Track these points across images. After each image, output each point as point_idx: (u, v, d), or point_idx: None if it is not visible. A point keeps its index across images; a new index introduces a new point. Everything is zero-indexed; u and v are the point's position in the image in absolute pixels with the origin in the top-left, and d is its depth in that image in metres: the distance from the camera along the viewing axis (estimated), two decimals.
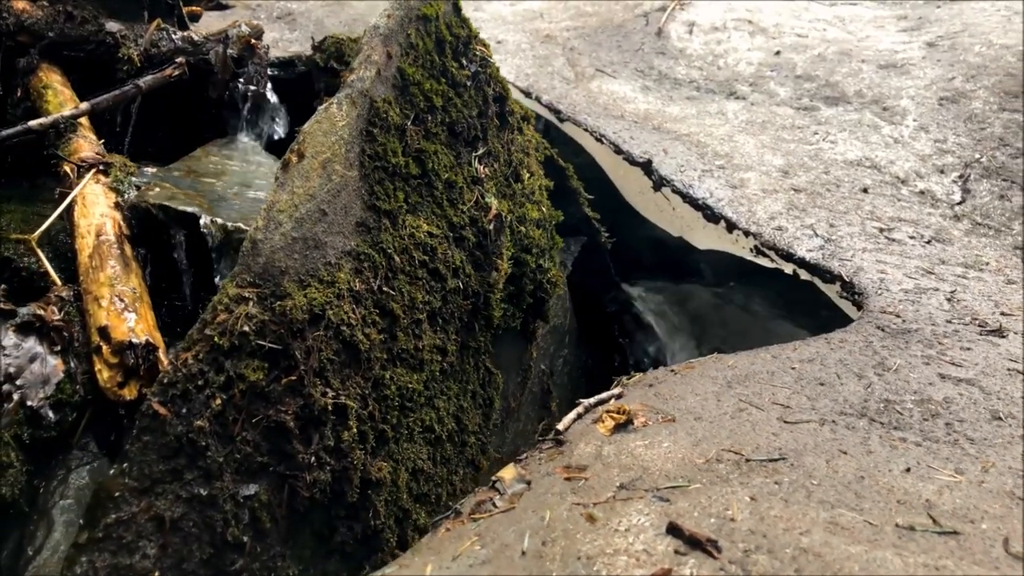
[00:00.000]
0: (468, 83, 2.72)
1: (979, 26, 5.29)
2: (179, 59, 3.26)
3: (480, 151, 2.73)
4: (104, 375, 2.11)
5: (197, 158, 3.18)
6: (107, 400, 2.14)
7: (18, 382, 2.06)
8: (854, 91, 4.78)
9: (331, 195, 2.13)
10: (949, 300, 2.92)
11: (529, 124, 3.27)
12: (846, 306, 3.56)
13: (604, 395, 2.18)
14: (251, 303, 1.93)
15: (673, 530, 1.54)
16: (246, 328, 1.90)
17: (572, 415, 2.07)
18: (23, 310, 2.17)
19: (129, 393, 2.12)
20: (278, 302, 1.96)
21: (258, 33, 3.56)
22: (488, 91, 2.82)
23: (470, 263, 2.57)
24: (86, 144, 2.85)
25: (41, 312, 2.18)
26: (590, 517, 1.64)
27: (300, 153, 2.12)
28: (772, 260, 3.46)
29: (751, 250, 3.54)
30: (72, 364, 2.17)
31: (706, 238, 3.80)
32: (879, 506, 1.64)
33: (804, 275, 3.36)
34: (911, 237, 3.54)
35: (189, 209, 2.47)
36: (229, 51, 3.44)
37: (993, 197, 4.01)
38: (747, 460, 1.81)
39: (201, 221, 2.40)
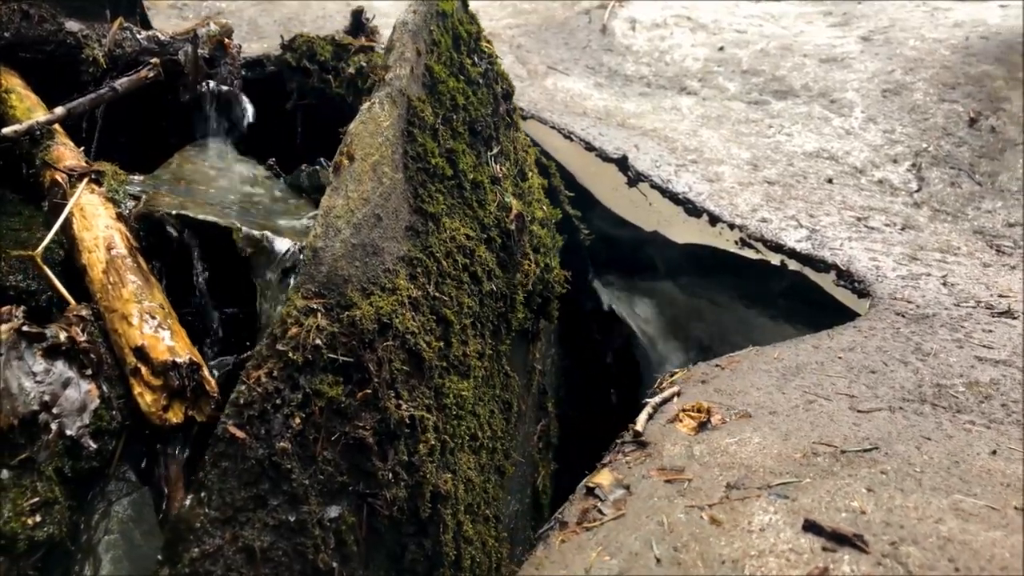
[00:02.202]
0: (480, 80, 2.66)
1: (905, 21, 5.50)
2: (153, 60, 3.07)
3: (495, 150, 2.67)
4: (147, 399, 1.96)
5: (178, 164, 3.01)
6: (149, 425, 1.99)
7: (54, 410, 1.89)
8: (800, 85, 4.90)
9: (383, 199, 2.04)
10: (945, 284, 3.01)
11: None
12: (813, 295, 3.68)
13: (666, 394, 2.16)
14: (319, 314, 1.82)
15: (811, 527, 1.53)
16: (318, 341, 1.80)
17: (644, 416, 2.04)
18: (48, 331, 1.99)
19: (174, 416, 1.97)
20: (345, 312, 1.86)
21: (228, 32, 3.39)
22: (497, 89, 2.76)
23: (497, 265, 2.51)
24: (68, 152, 2.66)
25: (69, 333, 2.01)
26: (713, 520, 1.61)
27: (350, 155, 2.02)
28: (759, 252, 3.51)
29: (736, 242, 3.58)
30: (104, 388, 2.01)
31: (686, 232, 3.83)
32: (988, 490, 1.67)
33: (794, 265, 3.42)
34: (886, 225, 3.65)
35: (210, 218, 2.33)
36: (200, 51, 3.27)
37: (945, 185, 4.17)
38: (843, 452, 1.81)
39: (237, 230, 2.25)
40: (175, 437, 2.13)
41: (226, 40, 3.33)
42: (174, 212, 2.33)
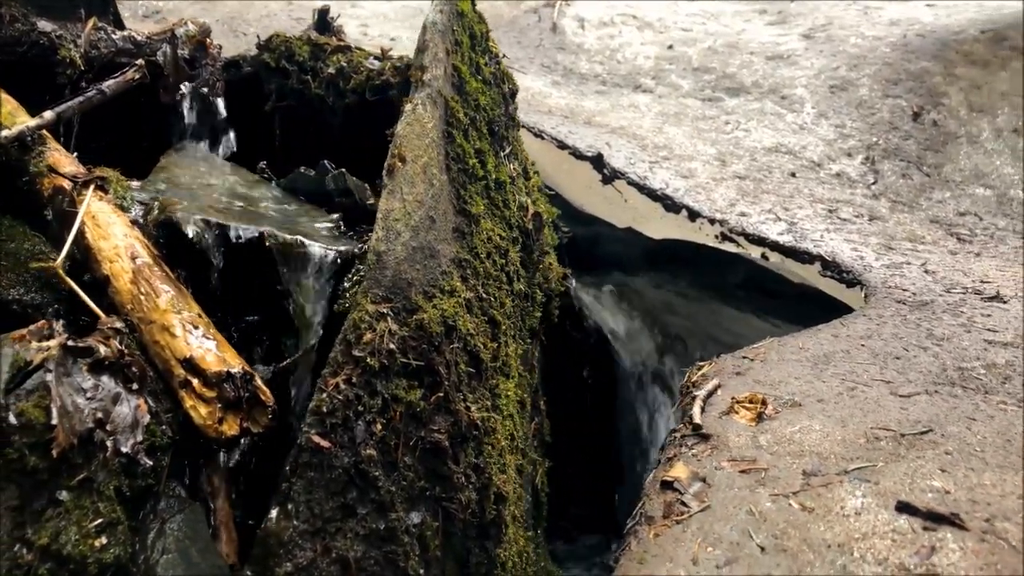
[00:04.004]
0: (492, 80, 2.66)
1: (841, 19, 5.71)
2: (138, 61, 2.96)
3: (507, 150, 2.67)
4: (201, 411, 1.90)
5: (168, 169, 2.91)
6: (203, 439, 1.93)
7: (108, 427, 1.82)
8: (751, 82, 5.04)
9: (435, 200, 2.03)
10: (927, 272, 3.15)
11: None
12: (769, 285, 3.84)
13: (709, 386, 2.19)
14: (389, 319, 1.80)
15: (906, 508, 1.59)
16: (391, 346, 1.78)
17: (698, 409, 2.07)
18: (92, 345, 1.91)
19: (230, 429, 1.92)
20: (412, 316, 1.84)
21: (207, 32, 3.30)
22: (504, 88, 2.77)
23: (521, 265, 2.52)
24: (64, 158, 2.54)
25: (108, 347, 1.93)
26: (804, 507, 1.66)
27: (401, 157, 2.00)
28: (739, 245, 3.60)
29: (716, 237, 3.66)
30: (150, 402, 1.94)
31: (662, 228, 3.89)
32: None
33: (775, 258, 3.52)
34: (856, 216, 3.79)
35: (239, 224, 2.26)
36: (180, 52, 3.17)
37: (897, 176, 4.35)
38: (902, 435, 1.89)
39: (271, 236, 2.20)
40: (221, 450, 2.08)
41: (207, 40, 3.24)
42: (201, 219, 2.26)
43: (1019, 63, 5.00)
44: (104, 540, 1.72)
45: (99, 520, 1.73)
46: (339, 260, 2.19)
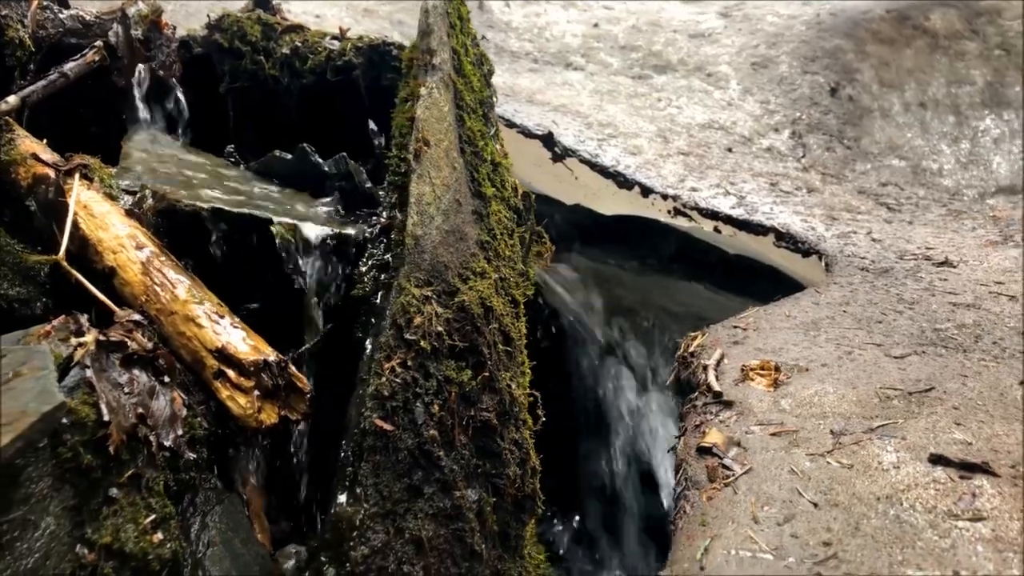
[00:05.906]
0: (476, 61, 2.68)
1: None
2: (98, 43, 2.85)
3: (492, 131, 2.70)
4: (240, 401, 1.88)
5: (134, 155, 2.81)
6: (243, 429, 1.91)
7: (149, 422, 1.78)
8: (677, 59, 5.18)
9: (458, 184, 2.05)
10: (874, 241, 3.34)
11: None
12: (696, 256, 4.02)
13: (716, 355, 2.29)
14: (433, 302, 1.82)
15: (939, 460, 1.72)
16: (439, 328, 1.80)
17: (712, 376, 2.17)
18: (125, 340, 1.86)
19: (268, 418, 1.90)
20: (453, 299, 1.87)
21: (159, 11, 3.19)
22: (484, 69, 2.79)
23: (520, 243, 2.56)
24: (36, 145, 2.44)
25: (133, 340, 1.88)
26: (842, 464, 1.77)
27: (425, 141, 2.01)
28: (693, 220, 3.72)
29: (669, 212, 3.78)
30: (182, 395, 1.90)
31: (614, 204, 3.99)
32: None
33: (727, 230, 3.66)
34: (796, 189, 3.97)
35: (245, 211, 2.23)
36: (134, 32, 3.06)
37: (822, 150, 4.57)
38: (909, 393, 2.03)
39: (273, 224, 2.17)
40: (251, 440, 2.06)
41: (161, 20, 3.13)
42: (209, 206, 2.21)
43: (922, 41, 5.31)
44: (160, 536, 1.69)
45: (152, 516, 1.70)
46: (352, 244, 2.19)
